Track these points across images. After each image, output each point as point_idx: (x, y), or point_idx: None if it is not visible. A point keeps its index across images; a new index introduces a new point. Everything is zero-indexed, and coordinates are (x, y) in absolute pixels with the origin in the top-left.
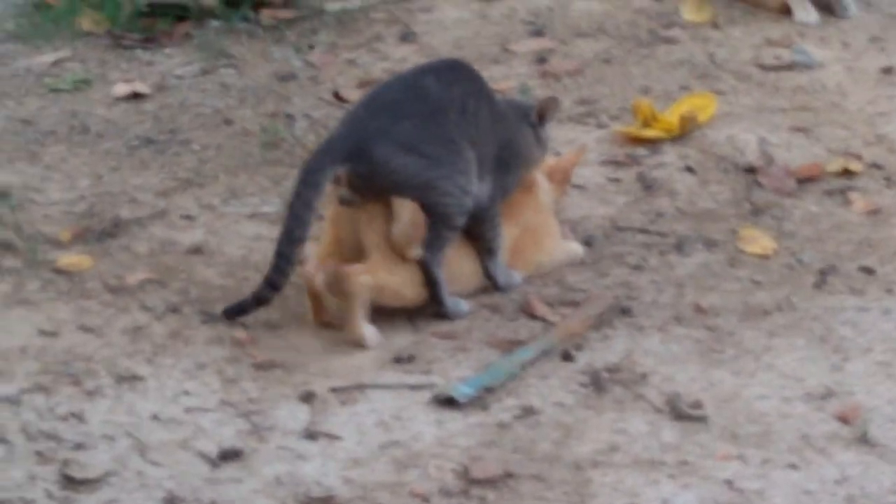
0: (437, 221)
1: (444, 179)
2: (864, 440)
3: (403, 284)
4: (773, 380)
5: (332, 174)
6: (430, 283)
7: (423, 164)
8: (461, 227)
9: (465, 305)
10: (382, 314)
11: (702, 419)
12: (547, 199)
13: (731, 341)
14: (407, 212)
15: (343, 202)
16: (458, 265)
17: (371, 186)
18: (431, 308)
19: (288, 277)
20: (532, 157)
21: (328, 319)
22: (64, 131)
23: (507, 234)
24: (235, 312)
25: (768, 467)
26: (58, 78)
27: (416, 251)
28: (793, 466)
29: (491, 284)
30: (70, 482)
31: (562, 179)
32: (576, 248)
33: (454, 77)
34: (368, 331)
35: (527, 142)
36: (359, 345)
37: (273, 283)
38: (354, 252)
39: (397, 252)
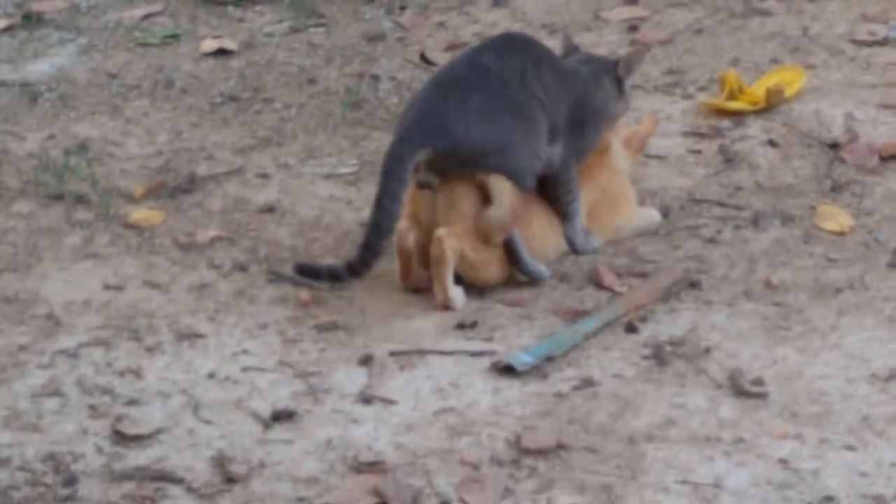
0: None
1: (519, 144)
2: None
3: (482, 263)
4: (837, 359)
5: (414, 160)
6: (510, 247)
7: (500, 130)
8: (530, 188)
9: (545, 270)
10: None
11: (762, 396)
12: (623, 165)
13: (799, 319)
14: (507, 198)
15: (422, 186)
16: (542, 239)
17: (451, 163)
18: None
19: (370, 268)
20: (613, 111)
21: (416, 284)
22: (148, 86)
23: (584, 198)
24: (305, 273)
25: (825, 447)
26: (147, 32)
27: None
28: (850, 447)
29: (570, 249)
30: (121, 437)
31: (637, 148)
32: (653, 215)
33: (511, 50)
34: (456, 292)
35: (606, 97)
36: (446, 307)
37: (354, 270)
38: (431, 232)
39: (485, 234)
